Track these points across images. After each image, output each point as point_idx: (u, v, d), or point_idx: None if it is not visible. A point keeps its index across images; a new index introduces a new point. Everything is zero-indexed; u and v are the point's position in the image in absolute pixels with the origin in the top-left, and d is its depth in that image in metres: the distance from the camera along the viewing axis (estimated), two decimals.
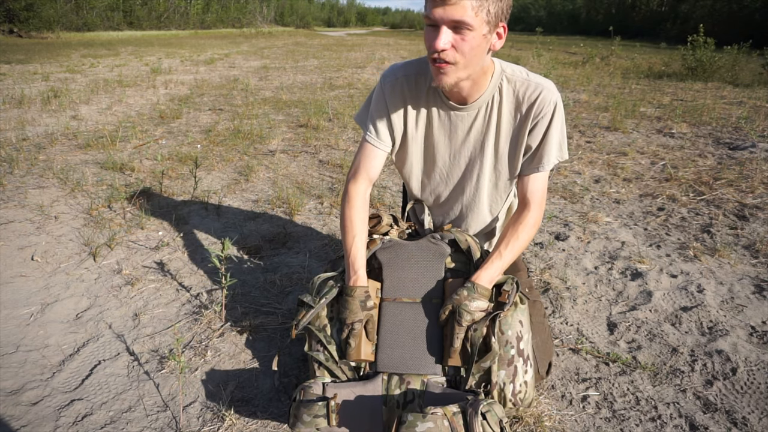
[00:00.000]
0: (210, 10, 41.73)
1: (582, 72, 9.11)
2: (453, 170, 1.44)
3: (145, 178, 3.19)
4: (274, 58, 12.88)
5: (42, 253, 2.20)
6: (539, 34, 15.95)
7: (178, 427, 1.31)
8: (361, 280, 1.31)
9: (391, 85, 1.37)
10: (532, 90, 1.29)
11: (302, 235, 2.46)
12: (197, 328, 1.73)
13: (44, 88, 6.54)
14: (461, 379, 1.23)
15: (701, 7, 25.54)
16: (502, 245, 1.34)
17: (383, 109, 1.40)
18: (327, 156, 3.79)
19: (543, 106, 1.28)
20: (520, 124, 1.33)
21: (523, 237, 1.35)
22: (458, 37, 1.12)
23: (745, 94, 6.69)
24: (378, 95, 1.40)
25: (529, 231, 1.36)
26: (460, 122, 1.36)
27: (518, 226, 1.36)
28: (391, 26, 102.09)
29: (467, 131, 1.37)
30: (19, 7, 20.62)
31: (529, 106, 1.30)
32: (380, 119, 1.40)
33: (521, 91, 1.30)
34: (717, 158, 3.73)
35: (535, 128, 1.31)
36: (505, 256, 1.32)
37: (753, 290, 1.96)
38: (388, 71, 1.40)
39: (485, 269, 1.30)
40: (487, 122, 1.34)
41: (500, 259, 1.31)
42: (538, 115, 1.29)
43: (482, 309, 1.24)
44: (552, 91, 1.29)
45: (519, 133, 1.34)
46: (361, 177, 1.44)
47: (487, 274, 1.29)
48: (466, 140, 1.38)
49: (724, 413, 1.36)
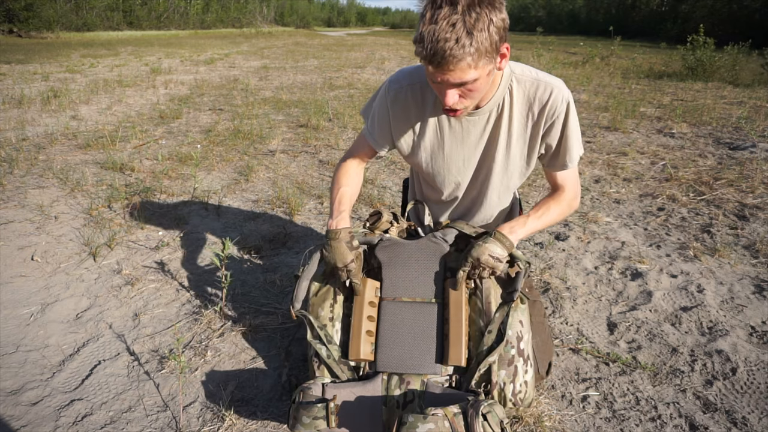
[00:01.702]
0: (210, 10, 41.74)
1: (582, 72, 9.11)
2: (465, 174, 1.43)
3: (145, 178, 3.19)
4: (274, 58, 12.88)
5: (42, 253, 2.20)
6: (539, 34, 15.94)
7: (178, 427, 1.31)
8: (344, 221, 1.31)
9: (395, 94, 1.36)
10: (543, 90, 1.28)
11: (302, 235, 2.46)
12: (197, 328, 1.73)
13: (44, 88, 6.54)
14: (462, 378, 1.23)
15: (701, 7, 25.53)
16: (533, 211, 1.34)
17: (384, 118, 1.40)
18: (327, 156, 3.78)
19: (556, 106, 1.28)
20: (534, 124, 1.32)
21: (555, 211, 1.35)
22: (465, 89, 1.13)
23: (745, 94, 6.69)
24: (381, 101, 1.40)
25: (563, 207, 1.37)
26: (472, 127, 1.35)
27: (551, 201, 1.37)
28: (391, 26, 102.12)
29: (480, 134, 1.36)
30: (19, 7, 20.63)
31: (542, 107, 1.29)
32: (380, 127, 1.41)
33: (532, 92, 1.29)
34: (717, 158, 3.73)
35: (552, 129, 1.31)
36: (532, 220, 1.32)
37: (753, 290, 1.96)
38: (394, 77, 1.38)
39: (509, 223, 1.31)
40: (499, 124, 1.34)
41: (526, 220, 1.31)
42: (553, 116, 1.29)
43: (498, 255, 1.24)
44: (562, 89, 1.29)
45: (533, 134, 1.33)
46: (354, 158, 1.48)
47: (509, 226, 1.29)
48: (479, 143, 1.37)
49: (724, 413, 1.36)
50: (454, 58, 1.03)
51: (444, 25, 1.01)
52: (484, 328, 1.24)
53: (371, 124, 1.43)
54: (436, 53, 1.02)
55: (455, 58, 1.03)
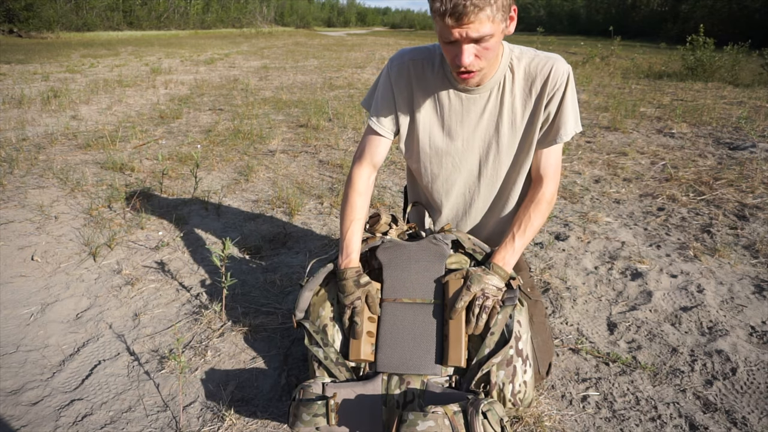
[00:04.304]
0: (210, 10, 41.75)
1: (582, 72, 9.11)
2: (466, 155, 1.41)
3: (145, 178, 3.19)
4: (274, 58, 12.88)
5: (42, 253, 2.20)
6: (539, 34, 15.94)
7: (178, 427, 1.31)
8: (353, 263, 1.32)
9: (398, 69, 1.36)
10: (543, 64, 1.29)
11: (302, 235, 2.46)
12: (197, 328, 1.73)
13: (44, 88, 6.54)
14: (462, 379, 1.23)
15: (701, 7, 25.52)
16: (515, 227, 1.34)
17: (389, 96, 1.39)
18: (327, 156, 3.78)
19: (557, 78, 1.28)
20: (536, 99, 1.32)
21: (536, 217, 1.35)
22: (480, 48, 1.13)
23: (745, 94, 6.69)
24: (384, 80, 1.39)
25: (543, 209, 1.36)
26: (472, 105, 1.34)
27: (530, 205, 1.36)
28: (391, 26, 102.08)
29: (480, 113, 1.35)
30: (19, 7, 20.64)
31: (544, 81, 1.29)
32: (385, 106, 1.40)
33: (532, 67, 1.29)
34: (717, 158, 3.73)
35: (551, 101, 1.31)
36: (519, 239, 1.33)
37: (753, 290, 1.96)
38: (396, 55, 1.39)
39: (500, 252, 1.32)
40: (501, 101, 1.33)
41: (513, 242, 1.33)
42: (554, 88, 1.29)
43: (496, 286, 1.26)
44: (562, 62, 1.29)
45: (536, 109, 1.33)
46: (365, 162, 1.44)
47: (501, 256, 1.31)
48: (479, 122, 1.36)
49: (724, 413, 1.36)
50: (475, 8, 1.03)
51: None
52: (486, 330, 1.24)
53: (375, 108, 1.42)
54: (457, 4, 1.03)
55: (477, 8, 1.04)
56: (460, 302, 1.23)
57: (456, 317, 1.24)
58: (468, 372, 1.22)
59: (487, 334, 1.22)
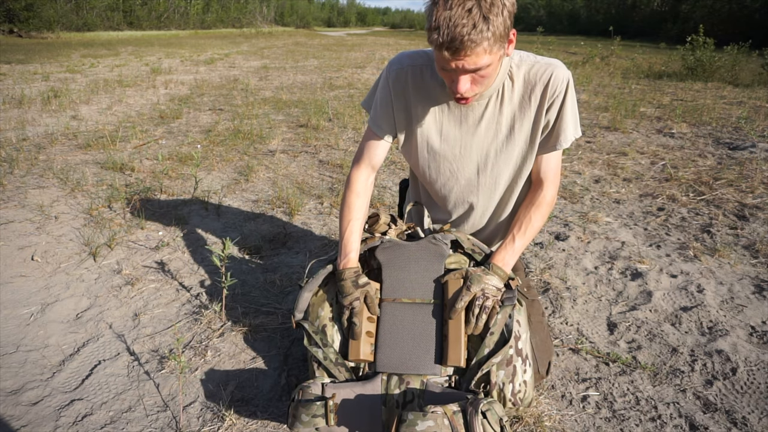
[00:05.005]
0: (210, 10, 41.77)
1: (582, 72, 9.11)
2: (464, 161, 1.41)
3: (145, 178, 3.20)
4: (274, 58, 12.88)
5: (42, 253, 2.20)
6: (539, 34, 15.93)
7: (178, 427, 1.31)
8: (351, 263, 1.33)
9: (396, 74, 1.36)
10: (543, 70, 1.28)
11: (302, 235, 2.46)
12: (197, 328, 1.73)
13: (44, 88, 6.55)
14: (461, 379, 1.23)
15: (701, 7, 25.52)
16: (515, 228, 1.35)
17: (387, 101, 1.39)
18: (327, 156, 3.78)
19: (557, 85, 1.28)
20: (536, 106, 1.32)
21: (537, 218, 1.36)
22: (477, 76, 1.13)
23: (745, 94, 6.69)
24: (383, 84, 1.39)
25: (543, 211, 1.37)
26: (470, 112, 1.34)
27: (531, 207, 1.37)
28: (391, 26, 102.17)
29: (478, 120, 1.35)
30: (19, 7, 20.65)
31: (544, 87, 1.29)
32: (383, 111, 1.40)
33: (532, 74, 1.29)
34: (717, 158, 3.73)
35: (551, 108, 1.31)
36: (519, 240, 1.34)
37: (753, 290, 1.96)
38: (395, 59, 1.39)
39: (499, 252, 1.33)
40: (500, 109, 1.33)
41: (513, 243, 1.34)
42: (554, 95, 1.29)
43: (496, 286, 1.26)
44: (562, 69, 1.29)
45: (536, 116, 1.33)
46: (364, 163, 1.45)
47: (500, 257, 1.32)
48: (477, 129, 1.36)
49: (724, 413, 1.36)
50: (472, 43, 1.03)
51: (460, 11, 1.01)
52: (485, 330, 1.24)
53: (374, 111, 1.42)
54: (453, 39, 1.03)
55: (473, 43, 1.03)
56: (460, 302, 1.23)
57: (456, 317, 1.24)
58: (468, 372, 1.22)
59: (486, 334, 1.22)
